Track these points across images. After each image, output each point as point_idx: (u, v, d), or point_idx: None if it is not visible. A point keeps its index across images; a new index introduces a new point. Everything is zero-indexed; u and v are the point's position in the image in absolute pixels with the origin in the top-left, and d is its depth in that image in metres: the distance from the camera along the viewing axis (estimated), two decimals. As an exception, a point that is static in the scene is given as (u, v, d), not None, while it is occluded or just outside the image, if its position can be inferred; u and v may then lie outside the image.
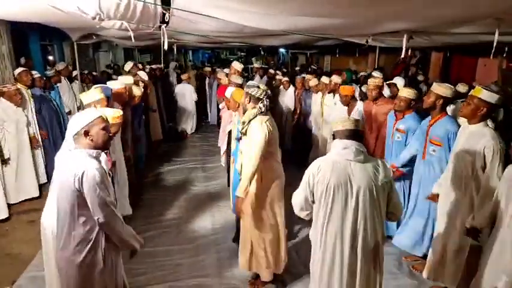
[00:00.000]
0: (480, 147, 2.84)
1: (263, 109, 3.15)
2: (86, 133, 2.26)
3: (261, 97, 3.16)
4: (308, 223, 2.67)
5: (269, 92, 3.24)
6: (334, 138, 2.46)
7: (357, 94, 5.37)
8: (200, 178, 6.57)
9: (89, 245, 2.27)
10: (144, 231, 4.60)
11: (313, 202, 2.43)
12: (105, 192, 2.22)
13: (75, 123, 2.28)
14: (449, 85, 3.66)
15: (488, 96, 2.86)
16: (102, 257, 2.33)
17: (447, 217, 3.19)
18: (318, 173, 2.34)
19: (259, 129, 3.08)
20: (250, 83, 3.33)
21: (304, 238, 4.41)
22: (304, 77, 7.67)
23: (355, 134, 2.38)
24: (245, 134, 3.23)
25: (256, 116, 3.15)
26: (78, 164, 2.19)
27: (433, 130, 3.57)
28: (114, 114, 3.31)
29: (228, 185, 5.67)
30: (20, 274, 3.74)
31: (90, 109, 2.80)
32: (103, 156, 2.38)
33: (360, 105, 5.07)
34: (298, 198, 2.51)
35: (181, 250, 4.25)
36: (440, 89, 3.52)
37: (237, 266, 3.82)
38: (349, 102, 5.10)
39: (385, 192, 2.34)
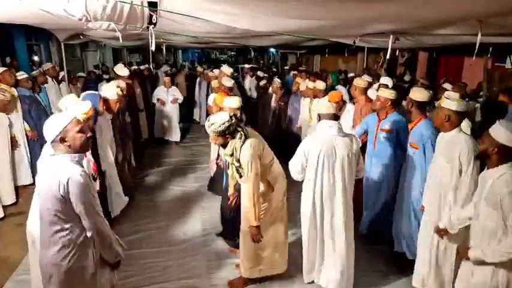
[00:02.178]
0: (456, 155, 2.90)
1: (243, 137, 3.09)
2: (62, 139, 2.20)
3: (233, 125, 3.07)
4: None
5: (237, 113, 3.26)
6: (319, 120, 3.26)
7: (346, 97, 5.36)
8: (189, 179, 6.56)
9: (77, 250, 2.24)
10: (133, 233, 4.59)
11: (306, 167, 3.21)
12: (91, 197, 2.20)
13: (49, 130, 2.20)
14: (423, 89, 3.80)
15: (449, 104, 2.95)
16: (92, 261, 2.31)
17: (430, 225, 3.21)
18: (310, 146, 3.16)
19: (246, 154, 3.06)
20: (212, 123, 3.05)
21: (294, 240, 4.44)
22: (280, 82, 7.63)
23: (336, 116, 3.25)
24: (241, 166, 3.14)
25: (242, 145, 3.09)
26: (61, 170, 2.14)
27: (412, 134, 3.64)
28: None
29: (208, 189, 5.70)
30: (8, 278, 3.71)
31: (62, 112, 2.59)
32: (85, 159, 2.35)
33: (350, 108, 5.07)
34: (295, 165, 3.27)
35: (170, 252, 4.25)
36: (412, 93, 3.64)
37: (226, 266, 3.86)
38: (340, 107, 4.97)
39: (356, 158, 3.21)
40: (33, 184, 5.58)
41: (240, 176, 3.17)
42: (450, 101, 2.96)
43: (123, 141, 5.03)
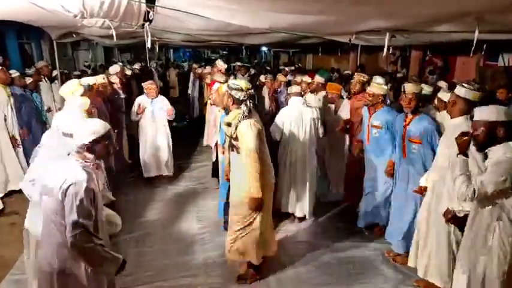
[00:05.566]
0: (453, 139, 2.93)
1: (246, 112, 3.13)
2: (89, 149, 2.20)
3: (244, 99, 3.15)
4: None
5: (252, 91, 3.22)
6: (290, 97, 4.70)
7: (342, 93, 5.39)
8: (185, 177, 6.52)
9: (69, 253, 2.19)
10: (129, 231, 4.54)
11: (283, 130, 4.47)
12: (83, 212, 2.11)
13: (84, 133, 2.20)
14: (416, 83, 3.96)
15: (456, 89, 3.05)
16: (84, 266, 2.25)
17: (429, 209, 3.28)
18: (285, 114, 4.51)
19: (249, 131, 3.09)
20: (232, 82, 3.26)
21: (290, 238, 4.50)
22: (272, 76, 7.72)
23: (301, 94, 4.85)
24: (235, 139, 3.20)
25: (241, 120, 3.13)
26: (69, 173, 2.12)
27: (410, 129, 3.66)
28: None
29: (213, 175, 5.75)
30: (3, 278, 3.66)
31: (96, 120, 2.45)
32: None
33: (345, 103, 5.11)
34: (275, 129, 4.48)
35: (167, 250, 4.22)
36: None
37: (224, 264, 3.84)
38: (335, 100, 5.12)
39: (317, 121, 4.56)
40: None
41: (232, 149, 3.22)
42: (459, 87, 3.03)
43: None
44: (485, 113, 2.43)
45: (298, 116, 4.45)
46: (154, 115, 5.85)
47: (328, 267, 3.92)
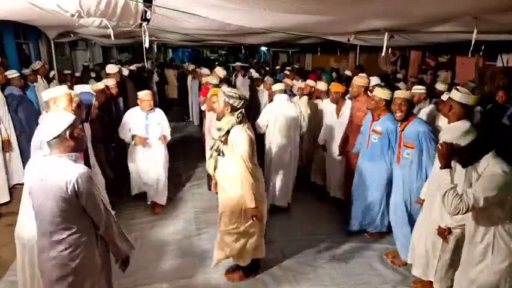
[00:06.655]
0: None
1: (240, 118, 3.15)
2: (71, 135, 2.18)
3: (239, 100, 3.16)
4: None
5: (247, 101, 3.25)
6: (274, 95, 5.02)
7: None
8: (183, 179, 6.51)
9: (83, 249, 2.23)
10: (127, 232, 4.46)
11: (267, 124, 4.81)
12: (99, 193, 2.22)
13: (52, 127, 2.17)
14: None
15: (452, 94, 3.01)
16: (99, 257, 2.31)
17: (427, 215, 3.26)
18: (270, 110, 4.82)
19: (241, 134, 3.10)
20: (228, 90, 3.21)
21: (289, 239, 4.47)
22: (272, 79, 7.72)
23: (285, 91, 5.08)
24: (225, 142, 3.21)
25: (233, 125, 3.14)
26: (66, 169, 2.10)
27: (405, 134, 3.66)
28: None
29: (209, 189, 5.65)
30: (1, 278, 3.65)
31: (62, 111, 2.53)
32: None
33: (348, 103, 5.08)
34: (261, 123, 4.81)
35: (165, 251, 4.21)
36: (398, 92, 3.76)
37: (222, 265, 3.82)
38: (338, 99, 5.09)
39: (299, 118, 4.90)
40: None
41: (219, 154, 3.25)
42: (454, 91, 3.00)
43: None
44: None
45: (282, 112, 4.74)
46: (148, 132, 4.85)
47: (326, 268, 3.91)
